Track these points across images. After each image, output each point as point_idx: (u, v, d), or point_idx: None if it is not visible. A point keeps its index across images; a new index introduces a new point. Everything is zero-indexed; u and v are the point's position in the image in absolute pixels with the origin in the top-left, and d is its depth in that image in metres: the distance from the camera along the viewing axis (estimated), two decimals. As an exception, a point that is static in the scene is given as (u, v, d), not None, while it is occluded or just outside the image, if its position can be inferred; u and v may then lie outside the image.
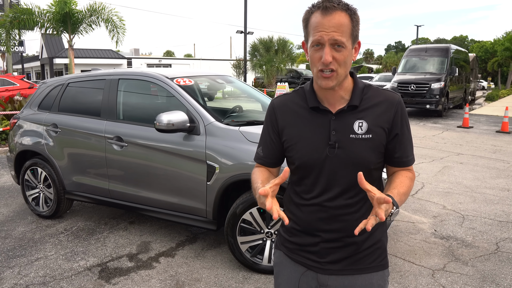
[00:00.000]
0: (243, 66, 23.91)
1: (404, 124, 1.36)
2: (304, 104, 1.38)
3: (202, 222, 3.42)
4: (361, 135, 1.30)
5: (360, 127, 1.31)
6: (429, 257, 3.57)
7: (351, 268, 1.36)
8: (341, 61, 1.24)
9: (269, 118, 1.44)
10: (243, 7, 20.94)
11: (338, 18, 1.22)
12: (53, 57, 33.40)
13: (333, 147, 1.30)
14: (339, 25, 1.22)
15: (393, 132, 1.34)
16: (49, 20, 14.56)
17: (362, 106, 1.33)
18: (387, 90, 1.40)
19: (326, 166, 1.32)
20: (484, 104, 20.75)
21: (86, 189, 4.14)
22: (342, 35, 1.22)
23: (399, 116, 1.34)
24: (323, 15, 1.23)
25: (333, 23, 1.21)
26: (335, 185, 1.33)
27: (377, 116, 1.32)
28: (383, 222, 1.42)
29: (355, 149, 1.29)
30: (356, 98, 1.33)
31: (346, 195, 1.33)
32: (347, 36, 1.23)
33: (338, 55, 1.23)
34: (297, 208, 1.41)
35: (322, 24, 1.22)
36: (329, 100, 1.34)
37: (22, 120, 4.64)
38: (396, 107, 1.34)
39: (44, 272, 3.32)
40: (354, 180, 1.30)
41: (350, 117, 1.32)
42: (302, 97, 1.40)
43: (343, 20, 1.22)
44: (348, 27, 1.23)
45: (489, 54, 42.80)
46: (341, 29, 1.22)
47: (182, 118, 3.28)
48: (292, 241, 1.43)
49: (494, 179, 6.16)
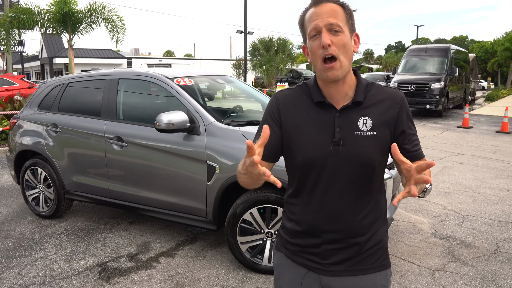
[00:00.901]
0: (243, 66, 23.91)
1: (409, 120, 1.35)
2: (308, 99, 1.36)
3: (202, 222, 3.42)
4: (365, 132, 1.29)
5: (364, 124, 1.29)
6: (429, 257, 3.57)
7: (354, 269, 1.35)
8: (339, 45, 1.24)
9: (271, 110, 1.40)
10: (243, 7, 20.94)
11: (330, 6, 1.26)
12: (53, 56, 33.39)
13: (337, 144, 1.28)
14: (333, 11, 1.25)
15: (398, 129, 1.32)
16: (49, 20, 14.55)
17: (366, 103, 1.32)
18: (390, 87, 1.39)
19: (329, 164, 1.29)
20: (484, 104, 20.75)
21: (86, 189, 4.14)
22: (337, 19, 1.24)
23: (403, 113, 1.33)
24: (316, 8, 1.27)
25: (326, 10, 1.25)
26: (337, 184, 1.30)
27: (381, 113, 1.31)
28: (385, 222, 1.42)
29: (359, 146, 1.27)
30: (360, 94, 1.31)
31: (348, 194, 1.31)
32: (343, 22, 1.26)
33: (336, 39, 1.24)
34: (298, 209, 1.38)
35: (315, 13, 1.26)
36: (334, 96, 1.33)
37: (22, 120, 4.64)
38: (400, 104, 1.33)
39: (44, 272, 3.32)
40: (357, 178, 1.29)
41: (354, 114, 1.30)
42: (306, 93, 1.38)
43: (335, 8, 1.26)
44: (342, 14, 1.26)
45: (489, 54, 42.80)
46: (335, 14, 1.25)
47: (182, 118, 3.28)
48: (294, 243, 1.40)
49: (494, 179, 6.16)
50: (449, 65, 14.73)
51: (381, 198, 1.39)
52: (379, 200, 1.38)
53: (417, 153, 1.35)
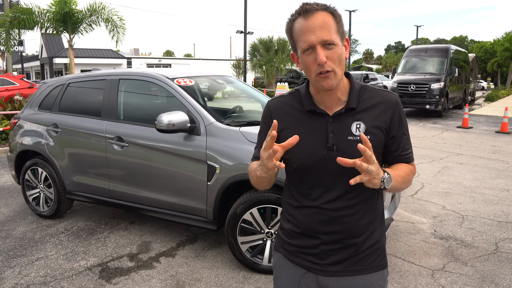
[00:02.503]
0: (243, 66, 23.92)
1: (402, 124, 1.37)
2: (300, 107, 1.37)
3: (202, 222, 3.43)
4: (358, 136, 1.29)
5: (357, 128, 1.31)
6: (428, 257, 3.58)
7: (351, 269, 1.36)
8: (335, 59, 1.24)
9: (265, 120, 1.44)
10: (243, 7, 20.95)
11: (321, 18, 1.23)
12: (53, 56, 33.40)
13: (331, 149, 1.30)
14: (324, 23, 1.22)
15: (391, 133, 1.35)
16: (49, 20, 14.54)
17: (359, 107, 1.33)
18: (384, 90, 1.39)
19: (324, 169, 1.32)
20: (483, 104, 20.76)
21: (87, 189, 4.14)
22: (330, 33, 1.23)
23: (397, 116, 1.35)
24: (306, 19, 1.23)
25: (318, 24, 1.22)
26: (333, 187, 1.32)
27: (374, 117, 1.32)
28: (382, 223, 1.43)
29: (353, 151, 1.28)
30: (354, 100, 1.32)
31: (345, 197, 1.33)
32: (335, 34, 1.24)
33: (331, 53, 1.23)
34: (296, 211, 1.40)
35: (307, 28, 1.23)
36: (326, 102, 1.34)
37: (23, 120, 4.65)
38: (393, 107, 1.35)
39: (45, 272, 3.33)
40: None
41: (347, 119, 1.32)
42: (298, 100, 1.39)
43: (326, 19, 1.23)
44: (333, 25, 1.24)
45: (489, 55, 42.82)
46: (327, 28, 1.23)
47: (182, 119, 3.29)
48: (292, 243, 1.42)
49: (493, 179, 6.17)
50: (449, 65, 14.74)
51: (378, 199, 1.41)
52: (375, 201, 1.39)
53: (406, 157, 1.39)
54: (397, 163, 1.39)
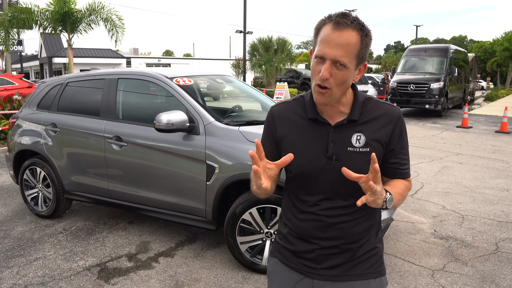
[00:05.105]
0: (242, 66, 23.89)
1: (402, 139, 1.36)
2: (303, 114, 1.37)
3: (201, 222, 3.42)
4: (358, 148, 1.30)
5: (358, 140, 1.31)
6: (428, 257, 3.57)
7: (347, 274, 1.36)
8: (338, 80, 1.22)
9: (268, 125, 1.44)
10: (243, 7, 20.92)
11: (347, 37, 1.18)
12: (52, 56, 33.35)
13: (330, 159, 1.30)
14: (346, 44, 1.18)
15: (390, 147, 1.35)
16: (48, 19, 14.50)
17: (361, 119, 1.33)
18: (388, 103, 1.39)
19: (323, 177, 1.32)
20: (483, 104, 20.77)
21: (85, 188, 4.13)
22: (346, 55, 1.19)
23: (398, 131, 1.34)
24: (333, 30, 1.19)
25: (340, 41, 1.18)
26: (331, 196, 1.33)
27: (375, 130, 1.32)
28: (379, 229, 1.43)
29: (352, 162, 1.28)
30: (356, 113, 1.32)
31: (342, 205, 1.33)
32: (351, 57, 1.20)
33: (337, 73, 1.21)
34: (294, 216, 1.40)
35: (329, 40, 1.19)
36: (328, 113, 1.34)
37: (21, 120, 4.63)
38: (395, 122, 1.34)
39: (43, 272, 3.31)
40: (350, 191, 1.30)
41: (348, 130, 1.32)
42: (302, 107, 1.39)
43: (351, 40, 1.19)
44: (355, 48, 1.20)
45: (488, 54, 42.82)
46: (347, 49, 1.19)
47: (181, 118, 3.27)
48: (288, 248, 1.43)
49: (493, 179, 6.16)
50: (448, 65, 14.74)
51: (375, 207, 1.39)
52: (372, 209, 1.38)
53: (403, 172, 1.39)
54: (392, 176, 1.39)
